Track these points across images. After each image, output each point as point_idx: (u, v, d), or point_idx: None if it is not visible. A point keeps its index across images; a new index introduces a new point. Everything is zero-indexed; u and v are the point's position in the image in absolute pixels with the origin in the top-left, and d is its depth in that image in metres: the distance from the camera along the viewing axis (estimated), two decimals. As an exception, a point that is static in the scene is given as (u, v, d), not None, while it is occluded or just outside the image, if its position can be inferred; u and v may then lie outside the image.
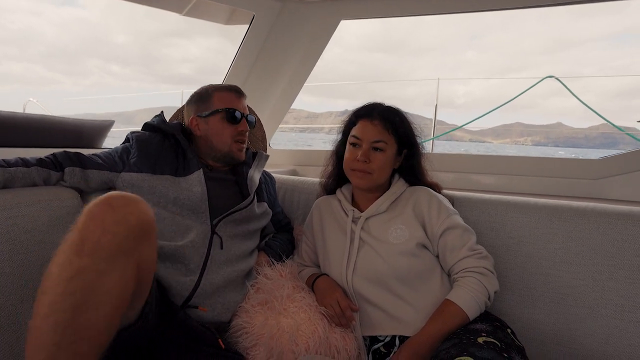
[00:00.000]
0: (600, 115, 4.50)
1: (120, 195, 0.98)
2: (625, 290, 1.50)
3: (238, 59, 2.75)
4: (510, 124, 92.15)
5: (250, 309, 1.49)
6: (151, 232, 1.01)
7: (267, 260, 1.67)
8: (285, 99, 3.05)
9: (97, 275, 0.90)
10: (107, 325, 0.94)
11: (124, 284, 0.96)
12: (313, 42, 2.74)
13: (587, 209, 1.60)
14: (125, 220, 0.94)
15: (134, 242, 0.96)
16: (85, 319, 0.89)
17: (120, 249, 0.93)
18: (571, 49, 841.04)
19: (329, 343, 1.43)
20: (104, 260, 0.91)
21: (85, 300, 0.89)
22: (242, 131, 1.68)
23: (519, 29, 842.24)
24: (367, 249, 1.52)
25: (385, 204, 1.57)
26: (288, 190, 2.12)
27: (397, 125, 1.56)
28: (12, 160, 1.41)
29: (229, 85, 1.74)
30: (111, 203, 0.95)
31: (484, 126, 49.50)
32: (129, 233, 0.94)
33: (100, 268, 0.91)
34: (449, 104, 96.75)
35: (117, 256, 0.93)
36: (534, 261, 1.62)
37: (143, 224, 0.98)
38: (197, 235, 1.48)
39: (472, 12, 2.41)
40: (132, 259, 0.97)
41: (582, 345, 1.54)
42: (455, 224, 1.50)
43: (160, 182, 1.53)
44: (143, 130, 1.71)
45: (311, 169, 3.06)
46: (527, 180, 2.60)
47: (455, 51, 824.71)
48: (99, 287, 0.91)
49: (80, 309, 0.88)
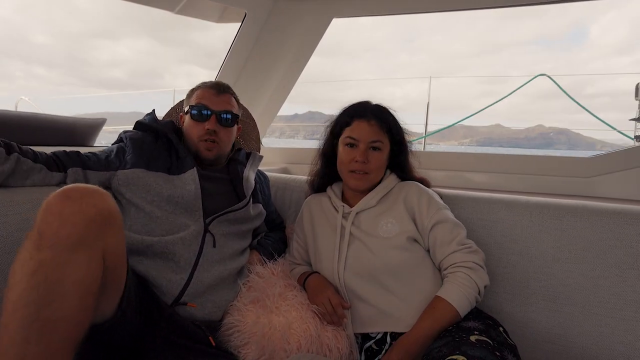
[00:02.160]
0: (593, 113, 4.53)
1: (77, 186, 0.98)
2: (617, 288, 1.51)
3: (230, 57, 2.74)
4: (454, 126, 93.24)
5: (242, 307, 1.48)
6: (113, 221, 1.01)
7: (259, 259, 1.66)
8: (277, 97, 3.04)
9: (59, 267, 0.90)
10: (76, 317, 0.93)
11: (90, 275, 0.95)
12: (305, 40, 2.73)
13: (578, 207, 1.61)
14: (83, 210, 0.94)
15: (95, 231, 0.96)
16: (51, 312, 0.88)
17: (81, 239, 0.93)
18: (500, 51, 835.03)
19: (321, 341, 1.43)
20: (65, 252, 0.91)
21: (49, 293, 0.89)
22: (209, 129, 1.63)
23: (449, 32, 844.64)
24: (358, 244, 1.52)
25: (375, 198, 1.56)
26: (280, 189, 2.11)
27: (391, 124, 1.57)
28: (24, 149, 1.39)
29: (212, 82, 1.73)
30: (68, 195, 0.95)
31: (429, 129, 49.82)
32: (88, 223, 0.94)
33: (62, 260, 0.91)
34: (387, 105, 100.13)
35: (78, 247, 0.93)
36: (526, 259, 1.62)
37: (103, 213, 0.97)
38: (189, 233, 1.47)
39: (468, 9, 2.42)
40: (96, 248, 0.96)
41: (574, 343, 1.54)
42: (445, 218, 1.50)
43: (154, 179, 1.52)
44: (135, 129, 1.69)
45: (303, 167, 3.05)
46: (519, 179, 2.60)
47: (390, 54, 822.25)
48: (62, 279, 0.90)
49: (45, 302, 0.88)
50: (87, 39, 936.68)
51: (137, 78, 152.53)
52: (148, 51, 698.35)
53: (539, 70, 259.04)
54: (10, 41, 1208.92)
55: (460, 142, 70.22)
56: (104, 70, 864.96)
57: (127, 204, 1.52)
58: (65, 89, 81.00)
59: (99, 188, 1.01)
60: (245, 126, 2.00)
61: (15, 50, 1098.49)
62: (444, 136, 42.94)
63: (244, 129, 2.00)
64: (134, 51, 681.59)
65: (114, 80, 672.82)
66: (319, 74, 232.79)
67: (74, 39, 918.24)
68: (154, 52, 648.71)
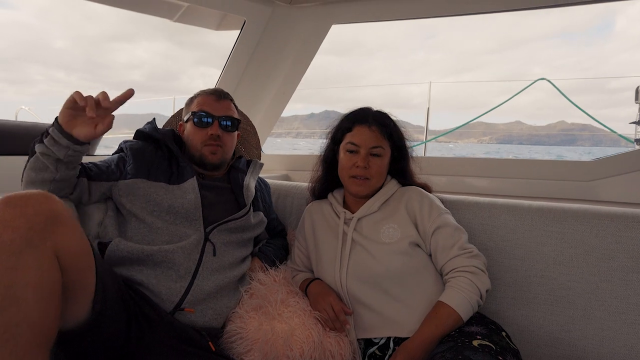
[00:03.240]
0: (590, 115, 4.52)
1: (19, 193, 0.99)
2: (619, 291, 1.50)
3: (229, 64, 2.75)
4: (471, 124, 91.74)
5: (244, 314, 1.48)
6: (60, 221, 1.01)
7: (260, 266, 1.66)
8: (277, 104, 3.04)
9: (8, 272, 0.91)
10: (39, 319, 0.93)
11: (44, 276, 0.95)
12: (304, 46, 2.74)
13: (580, 210, 1.61)
14: (24, 213, 0.95)
15: (40, 233, 0.96)
16: (10, 316, 0.89)
17: (26, 242, 0.94)
18: (521, 47, 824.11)
19: (324, 348, 1.42)
20: (12, 256, 0.92)
21: (3, 298, 0.89)
22: (212, 135, 1.64)
23: (468, 28, 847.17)
24: (360, 249, 1.52)
25: (376, 204, 1.57)
26: (281, 196, 2.11)
27: (392, 130, 1.57)
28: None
29: (212, 89, 1.74)
30: (9, 201, 0.96)
31: (447, 127, 49.70)
32: (31, 225, 0.95)
33: (10, 264, 0.91)
34: (404, 105, 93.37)
35: (24, 249, 0.93)
36: (528, 263, 1.62)
37: (46, 214, 0.98)
38: (189, 242, 1.47)
39: (465, 14, 2.43)
40: (44, 249, 0.96)
41: (577, 347, 1.53)
42: (446, 222, 1.50)
43: (155, 189, 1.52)
44: (135, 138, 1.70)
45: (304, 174, 3.05)
46: (520, 183, 2.61)
47: (408, 52, 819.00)
48: (14, 283, 0.91)
49: (1, 307, 0.88)
50: (105, 42, 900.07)
51: (155, 80, 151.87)
52: (164, 53, 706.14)
53: (561, 65, 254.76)
54: (31, 46, 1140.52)
55: (479, 139, 69.66)
56: (123, 73, 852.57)
57: (127, 214, 1.53)
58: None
59: (44, 192, 1.02)
60: (245, 133, 2.00)
61: (35, 55, 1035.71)
62: (462, 134, 42.78)
63: (244, 136, 2.00)
64: (151, 53, 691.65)
65: (132, 83, 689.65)
66: (335, 74, 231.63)
67: (92, 43, 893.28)
68: (170, 54, 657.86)
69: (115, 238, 1.45)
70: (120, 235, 1.49)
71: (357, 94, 13.73)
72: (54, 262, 0.98)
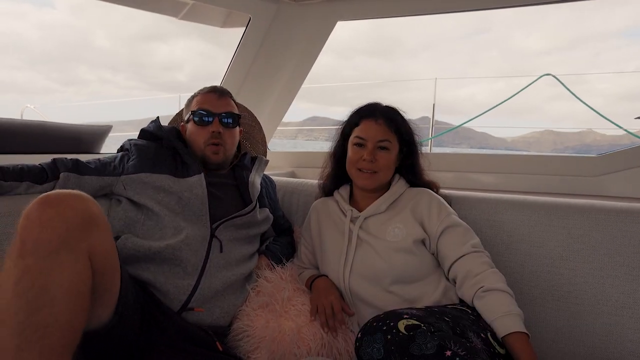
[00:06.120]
0: (603, 116, 4.46)
1: (56, 192, 0.99)
2: (625, 286, 1.50)
3: (235, 62, 2.75)
4: (540, 131, 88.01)
5: (251, 312, 1.48)
6: (95, 223, 1.01)
7: (267, 264, 1.67)
8: (282, 101, 3.05)
9: (44, 273, 0.91)
10: (69, 322, 0.93)
11: (78, 278, 0.96)
12: (310, 43, 2.74)
13: (586, 206, 1.61)
14: (62, 214, 0.95)
15: (77, 234, 0.96)
16: (41, 317, 0.89)
17: (63, 243, 0.94)
18: (579, 47, 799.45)
19: (331, 345, 1.43)
20: (48, 257, 0.92)
21: (37, 299, 0.89)
22: (214, 132, 1.64)
23: (522, 25, 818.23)
24: (365, 247, 1.52)
25: (384, 204, 1.57)
26: (287, 193, 2.11)
27: (399, 124, 1.58)
28: (11, 168, 1.41)
29: (210, 87, 1.74)
30: (46, 201, 0.96)
31: (513, 135, 47.31)
32: (68, 226, 0.95)
33: (46, 265, 0.91)
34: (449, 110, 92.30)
35: (60, 251, 0.93)
36: (534, 259, 1.62)
37: (83, 216, 0.98)
38: (194, 236, 1.47)
39: (469, 10, 2.42)
40: (80, 251, 0.97)
41: (583, 342, 1.54)
42: (457, 222, 1.50)
43: (161, 179, 1.53)
44: (140, 137, 1.71)
45: (310, 171, 3.06)
46: (526, 179, 2.60)
47: (453, 51, 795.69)
48: (49, 284, 0.91)
49: (34, 308, 0.89)
50: (146, 42, 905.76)
51: (199, 81, 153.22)
52: (203, 52, 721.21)
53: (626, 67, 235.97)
54: (75, 46, 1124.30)
55: (552, 148, 66.48)
56: (166, 74, 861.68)
57: (134, 208, 1.53)
58: (134, 93, 78.22)
59: (80, 192, 1.02)
60: (251, 130, 2.01)
61: (81, 55, 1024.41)
62: (531, 144, 41.16)
63: (250, 133, 2.00)
64: (190, 53, 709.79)
65: (178, 84, 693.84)
66: (378, 76, 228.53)
67: (133, 42, 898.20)
68: (209, 54, 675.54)
69: (122, 235, 1.46)
70: (125, 231, 1.50)
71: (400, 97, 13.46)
72: (87, 264, 0.98)
